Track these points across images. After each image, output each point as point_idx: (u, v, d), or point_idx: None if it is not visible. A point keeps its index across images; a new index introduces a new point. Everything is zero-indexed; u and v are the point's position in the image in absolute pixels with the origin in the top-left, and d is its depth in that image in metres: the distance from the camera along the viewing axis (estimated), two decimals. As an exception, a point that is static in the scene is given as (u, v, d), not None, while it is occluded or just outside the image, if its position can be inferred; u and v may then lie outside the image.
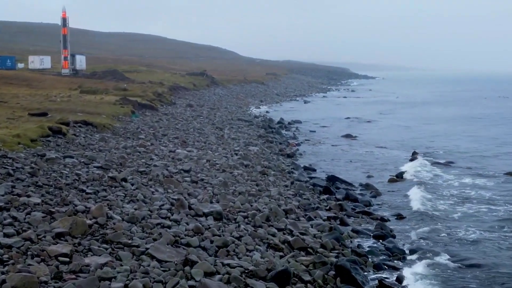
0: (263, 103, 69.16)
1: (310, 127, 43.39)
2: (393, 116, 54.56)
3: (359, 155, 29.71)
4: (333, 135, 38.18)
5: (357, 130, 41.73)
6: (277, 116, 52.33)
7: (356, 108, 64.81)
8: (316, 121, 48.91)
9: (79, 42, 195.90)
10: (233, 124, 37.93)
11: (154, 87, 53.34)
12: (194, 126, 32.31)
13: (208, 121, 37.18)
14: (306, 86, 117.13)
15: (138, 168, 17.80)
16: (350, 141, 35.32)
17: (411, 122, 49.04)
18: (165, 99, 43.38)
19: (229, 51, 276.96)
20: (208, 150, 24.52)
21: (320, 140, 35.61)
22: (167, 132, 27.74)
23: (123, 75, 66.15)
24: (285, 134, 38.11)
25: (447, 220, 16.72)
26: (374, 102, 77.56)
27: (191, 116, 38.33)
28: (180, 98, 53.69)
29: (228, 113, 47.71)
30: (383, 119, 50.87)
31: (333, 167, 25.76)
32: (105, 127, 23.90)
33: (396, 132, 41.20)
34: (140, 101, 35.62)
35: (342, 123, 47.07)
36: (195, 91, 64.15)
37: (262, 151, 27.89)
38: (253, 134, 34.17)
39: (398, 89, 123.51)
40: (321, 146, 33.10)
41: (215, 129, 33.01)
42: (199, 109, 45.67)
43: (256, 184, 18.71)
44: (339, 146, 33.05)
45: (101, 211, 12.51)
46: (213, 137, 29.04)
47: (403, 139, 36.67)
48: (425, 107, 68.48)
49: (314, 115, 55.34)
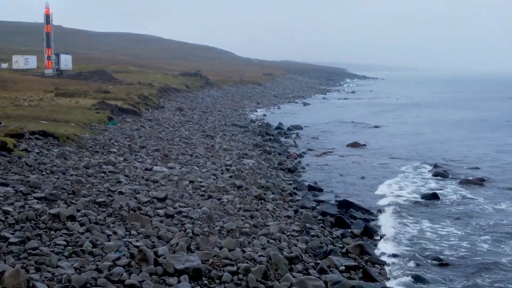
0: (260, 105, 65.06)
1: (312, 133, 39.33)
2: (401, 120, 50.51)
3: (372, 168, 25.61)
4: (338, 143, 34.09)
5: (365, 136, 37.66)
6: (275, 120, 48.26)
7: (359, 111, 60.75)
8: (318, 126, 44.86)
9: (76, 42, 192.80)
10: (226, 131, 33.84)
11: (142, 88, 49.22)
12: (181, 135, 28.17)
13: (198, 127, 33.07)
14: (305, 87, 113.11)
15: (97, 198, 13.63)
16: (359, 151, 31.23)
17: (421, 127, 44.99)
18: (152, 102, 39.26)
19: (226, 51, 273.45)
20: (194, 166, 20.42)
21: (324, 149, 31.53)
22: (146, 143, 23.52)
23: (111, 76, 61.97)
24: (285, 142, 34.04)
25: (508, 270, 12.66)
26: (377, 104, 73.54)
27: (179, 121, 34.20)
28: (170, 100, 49.58)
29: (221, 117, 43.62)
30: (391, 123, 46.81)
31: (344, 185, 21.67)
32: (69, 139, 19.70)
33: (408, 139, 37.11)
34: (121, 105, 31.49)
35: (346, 128, 43.01)
36: (187, 92, 60.02)
37: (259, 165, 23.81)
38: (249, 143, 30.09)
39: (400, 90, 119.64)
40: (327, 157, 29.00)
41: (205, 138, 28.90)
42: (190, 113, 41.54)
43: (251, 216, 14.62)
44: (348, 157, 28.95)
45: (18, 279, 8.42)
46: (202, 148, 24.90)
47: (417, 148, 32.56)
48: (432, 109, 64.47)
49: (315, 119, 51.28)
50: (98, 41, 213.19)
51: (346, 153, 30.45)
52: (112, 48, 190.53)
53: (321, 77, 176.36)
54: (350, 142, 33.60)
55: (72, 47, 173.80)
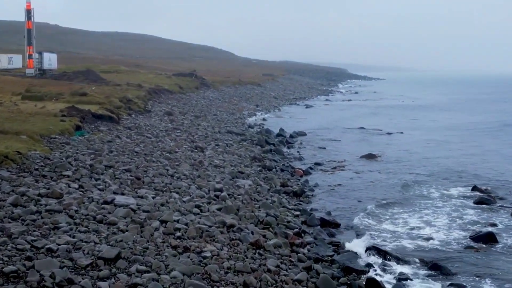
0: (259, 108, 60.33)
1: (318, 142, 34.62)
2: (415, 125, 45.74)
3: (397, 191, 20.83)
4: (350, 154, 29.36)
5: (378, 145, 32.95)
6: (275, 126, 43.57)
7: (366, 115, 56.04)
8: (323, 132, 40.16)
9: (72, 41, 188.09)
10: (219, 140, 29.12)
11: (129, 90, 44.52)
12: (164, 147, 23.39)
13: (187, 136, 28.34)
14: (306, 88, 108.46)
15: (5, 266, 8.87)
16: (375, 164, 26.49)
17: (439, 134, 40.24)
18: (136, 106, 34.51)
19: (225, 51, 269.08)
20: (173, 193, 15.73)
21: (335, 162, 26.81)
22: (116, 160, 18.69)
23: (98, 76, 57.19)
24: (288, 153, 29.35)
25: None
26: (384, 106, 68.81)
27: (165, 129, 29.44)
28: (160, 103, 44.85)
29: (216, 122, 38.94)
30: (405, 129, 42.04)
31: (366, 218, 16.95)
32: (8, 159, 15.01)
33: (428, 149, 32.31)
34: (96, 110, 26.78)
35: (356, 135, 38.29)
36: (181, 94, 55.24)
37: (257, 187, 19.15)
38: (245, 155, 25.39)
39: (405, 91, 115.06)
40: (339, 173, 24.28)
41: (194, 150, 24.17)
42: (180, 118, 36.82)
43: (244, 284, 9.90)
44: (363, 173, 24.20)
45: None
46: (187, 166, 20.16)
47: (444, 162, 27.73)
48: (445, 112, 59.71)
49: (320, 123, 46.58)
50: (95, 40, 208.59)
51: (360, 167, 25.71)
52: (109, 47, 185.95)
53: (322, 78, 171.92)
54: (364, 154, 28.86)
55: (68, 47, 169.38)
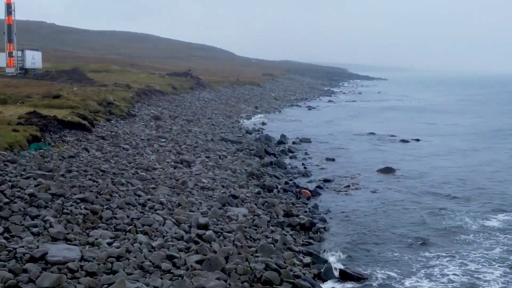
0: (259, 110, 56.16)
1: (325, 151, 30.41)
2: (430, 130, 41.42)
3: (423, 218, 16.63)
4: (363, 167, 25.12)
5: (394, 157, 28.69)
6: (276, 131, 39.42)
7: (374, 118, 51.82)
8: (330, 138, 35.97)
9: (69, 40, 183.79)
10: (211, 151, 24.91)
11: (115, 91, 40.31)
12: (141, 162, 19.10)
13: (172, 146, 24.10)
14: (307, 88, 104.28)
15: None
16: (395, 182, 22.20)
17: (460, 140, 35.89)
18: (118, 110, 30.29)
19: (224, 51, 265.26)
20: (139, 235, 11.54)
21: (347, 178, 22.58)
22: (72, 185, 14.44)
23: (85, 76, 53.00)
24: (291, 167, 25.11)
25: None
26: (391, 108, 64.58)
27: (147, 138, 25.15)
28: (149, 106, 40.63)
29: (210, 127, 34.76)
30: (421, 135, 37.72)
31: (395, 263, 12.73)
32: None
33: (453, 161, 27.89)
34: (64, 116, 22.52)
35: (366, 143, 34.05)
36: (174, 95, 51.00)
37: (254, 218, 14.97)
38: (241, 170, 21.20)
39: (409, 91, 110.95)
40: (353, 193, 20.06)
41: (178, 166, 19.94)
42: (169, 123, 32.62)
43: None
44: (382, 193, 19.95)
45: None
46: (166, 189, 15.94)
47: (471, 177, 23.32)
48: (459, 115, 55.39)
49: (325, 128, 42.39)
50: (92, 39, 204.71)
51: (377, 184, 21.48)
52: (106, 47, 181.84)
53: (323, 78, 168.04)
54: (380, 167, 24.59)
55: (64, 45, 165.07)
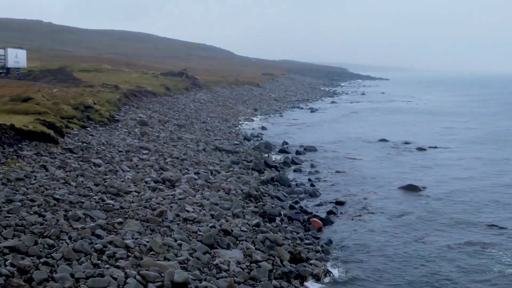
0: (258, 112, 52.46)
1: (334, 161, 26.61)
2: (447, 136, 37.48)
3: (468, 260, 12.88)
4: (380, 184, 21.30)
5: (413, 169, 24.86)
6: (277, 136, 35.74)
7: (382, 121, 48.04)
8: (337, 146, 32.19)
9: (65, 39, 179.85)
10: (202, 164, 21.13)
11: (100, 92, 36.59)
12: (111, 184, 15.27)
13: (156, 159, 20.27)
14: (308, 89, 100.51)
15: None
16: (422, 204, 18.34)
17: (485, 148, 32.01)
18: (98, 115, 26.50)
19: (224, 50, 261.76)
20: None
21: (363, 200, 18.78)
22: (6, 223, 10.57)
23: (71, 76, 49.32)
24: (295, 182, 21.31)
25: None
26: (399, 110, 60.79)
27: (127, 149, 21.30)
28: (138, 108, 36.88)
29: (203, 133, 31.05)
30: (437, 141, 33.94)
31: None
32: None
33: (484, 173, 23.93)
34: (24, 125, 18.68)
35: (379, 152, 30.21)
36: (167, 97, 47.27)
37: (250, 267, 11.20)
38: (236, 191, 17.42)
39: (413, 92, 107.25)
40: (373, 221, 16.22)
41: (159, 186, 16.11)
42: (157, 129, 28.86)
43: None
44: (409, 220, 16.09)
45: None
46: (136, 224, 12.14)
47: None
48: (474, 118, 51.53)
49: (330, 133, 38.61)
50: (89, 39, 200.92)
51: (401, 208, 17.65)
52: (103, 46, 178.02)
53: (324, 77, 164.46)
54: (402, 185, 20.74)
55: (61, 45, 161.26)
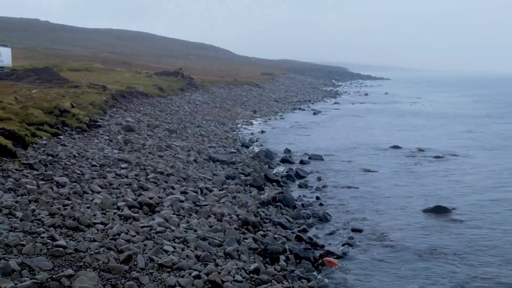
0: (257, 114, 49.29)
1: (344, 173, 23.34)
2: (467, 141, 34.08)
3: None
4: (402, 203, 18.00)
5: (436, 182, 21.60)
6: (278, 142, 32.59)
7: (392, 125, 44.81)
8: (346, 154, 28.93)
9: (62, 38, 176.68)
10: (191, 180, 17.88)
11: (84, 94, 33.35)
12: (70, 214, 11.92)
13: (136, 175, 16.98)
14: (310, 89, 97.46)
15: None
16: (455, 232, 15.04)
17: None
18: (75, 120, 23.24)
19: (223, 50, 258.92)
20: None
21: (385, 226, 15.52)
22: None
23: (57, 75, 45.94)
24: (302, 202, 18.01)
25: None
26: (407, 113, 57.60)
27: (102, 163, 17.93)
28: (127, 111, 33.65)
29: (197, 140, 27.84)
30: (456, 147, 30.72)
31: None
32: None
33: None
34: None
35: (393, 161, 26.90)
36: (160, 98, 44.05)
37: None
38: (230, 217, 14.16)
39: (417, 92, 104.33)
40: (399, 258, 12.96)
41: (134, 214, 12.84)
42: (144, 135, 25.60)
43: None
44: (442, 254, 12.85)
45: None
46: (91, 279, 8.90)
47: None
48: (489, 121, 48.26)
49: (337, 138, 35.39)
50: (86, 37, 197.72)
51: (433, 239, 14.39)
52: (100, 45, 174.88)
53: (324, 77, 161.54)
54: (428, 207, 17.43)
55: (57, 43, 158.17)
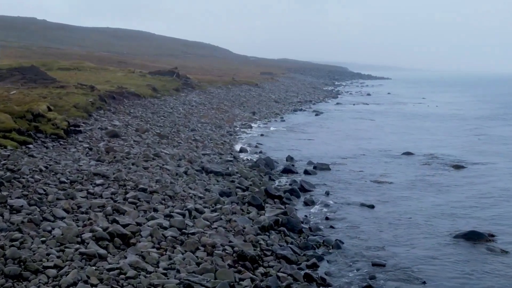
0: (257, 116, 46.46)
1: (355, 186, 20.53)
2: (488, 146, 31.12)
3: None
4: (427, 226, 15.18)
5: (462, 198, 18.80)
6: (280, 148, 29.83)
7: (400, 128, 42.01)
8: (355, 162, 26.13)
9: (59, 37, 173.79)
10: (180, 198, 15.12)
11: (69, 94, 30.59)
12: (14, 255, 9.10)
13: (111, 194, 14.18)
14: (310, 89, 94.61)
15: None
16: (504, 271, 12.34)
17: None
18: (51, 126, 20.46)
19: (221, 49, 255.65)
20: None
21: (412, 262, 12.73)
22: None
23: (43, 74, 43.14)
24: (309, 225, 15.17)
25: None
26: (415, 114, 54.75)
27: (73, 179, 15.15)
28: (116, 113, 30.89)
29: (190, 146, 25.07)
30: (474, 154, 27.95)
31: None
32: None
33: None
34: None
35: (408, 170, 24.08)
36: (153, 99, 41.27)
37: None
38: (226, 249, 11.38)
39: (420, 92, 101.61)
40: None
41: (100, 250, 10.08)
42: (130, 142, 22.81)
43: None
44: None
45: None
46: None
47: None
48: (506, 124, 45.55)
49: (343, 144, 32.59)
50: (84, 36, 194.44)
51: (473, 278, 11.66)
52: (97, 44, 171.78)
53: (325, 77, 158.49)
54: (460, 232, 14.64)
55: (53, 42, 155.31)
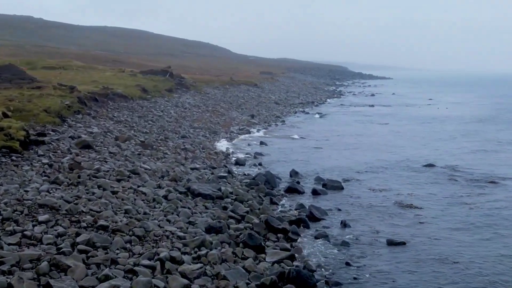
0: (256, 119, 42.69)
1: (377, 215, 16.74)
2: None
3: None
4: (483, 279, 11.61)
5: (498, 227, 15.21)
6: (282, 158, 26.12)
7: (415, 134, 38.23)
8: (371, 177, 22.36)
9: (55, 36, 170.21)
10: (153, 238, 11.35)
11: (42, 97, 26.85)
12: None
13: (55, 238, 10.38)
14: (311, 89, 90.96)
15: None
16: None
17: None
18: (1, 136, 16.64)
19: (220, 48, 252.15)
20: None
21: None
22: None
23: (21, 74, 39.34)
24: (325, 277, 11.38)
25: None
26: (427, 118, 50.80)
27: (10, 213, 11.39)
28: (96, 118, 27.10)
29: (176, 157, 21.38)
30: (505, 165, 24.28)
31: None
32: None
33: None
34: None
35: (436, 189, 20.28)
36: (142, 100, 37.51)
37: None
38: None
39: (426, 93, 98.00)
40: None
41: None
42: (104, 154, 19.05)
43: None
44: None
45: None
46: None
47: None
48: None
49: (354, 153, 28.78)
50: (81, 35, 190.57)
51: None
52: (94, 42, 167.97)
53: (325, 76, 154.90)
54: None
55: (50, 41, 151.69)
